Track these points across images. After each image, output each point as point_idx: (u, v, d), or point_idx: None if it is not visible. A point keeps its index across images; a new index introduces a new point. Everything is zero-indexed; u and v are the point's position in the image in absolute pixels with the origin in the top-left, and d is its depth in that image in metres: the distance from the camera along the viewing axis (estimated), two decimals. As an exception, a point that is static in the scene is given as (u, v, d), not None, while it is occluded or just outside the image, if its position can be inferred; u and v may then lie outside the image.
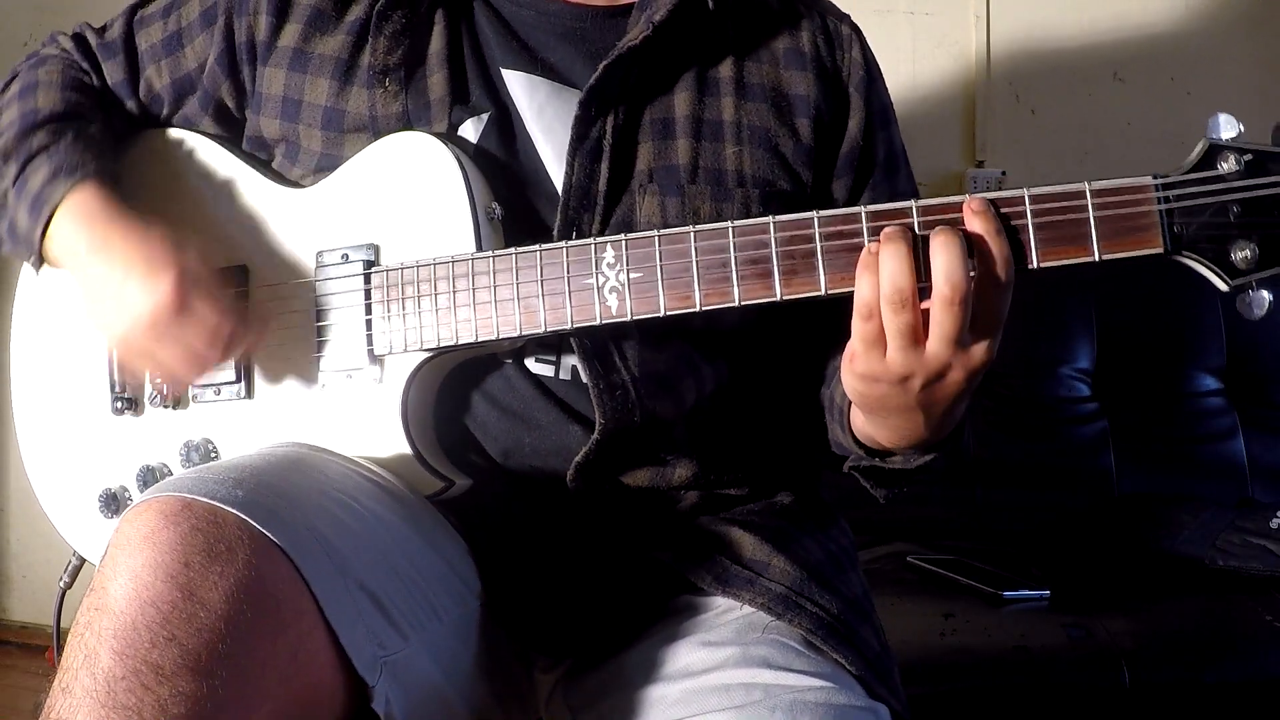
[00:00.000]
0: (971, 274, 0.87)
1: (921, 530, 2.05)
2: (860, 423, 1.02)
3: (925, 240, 0.89)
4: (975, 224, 0.88)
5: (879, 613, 1.16)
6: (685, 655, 1.04)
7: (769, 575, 1.08)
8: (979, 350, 0.89)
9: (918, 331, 0.88)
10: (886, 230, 0.89)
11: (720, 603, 1.09)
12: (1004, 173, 2.35)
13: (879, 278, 0.88)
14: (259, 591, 0.81)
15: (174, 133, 1.22)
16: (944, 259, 0.86)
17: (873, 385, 0.92)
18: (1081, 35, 2.33)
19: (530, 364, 1.08)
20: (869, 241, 0.92)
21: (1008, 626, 1.67)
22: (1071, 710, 1.55)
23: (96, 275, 1.06)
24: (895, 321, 0.88)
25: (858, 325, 0.90)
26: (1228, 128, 0.89)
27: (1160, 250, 0.89)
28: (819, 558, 1.13)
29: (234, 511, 0.82)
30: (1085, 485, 2.10)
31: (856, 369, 0.92)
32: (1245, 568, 1.81)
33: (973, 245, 0.88)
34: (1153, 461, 2.11)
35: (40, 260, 1.12)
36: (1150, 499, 2.02)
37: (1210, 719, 1.55)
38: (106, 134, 1.18)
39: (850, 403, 1.01)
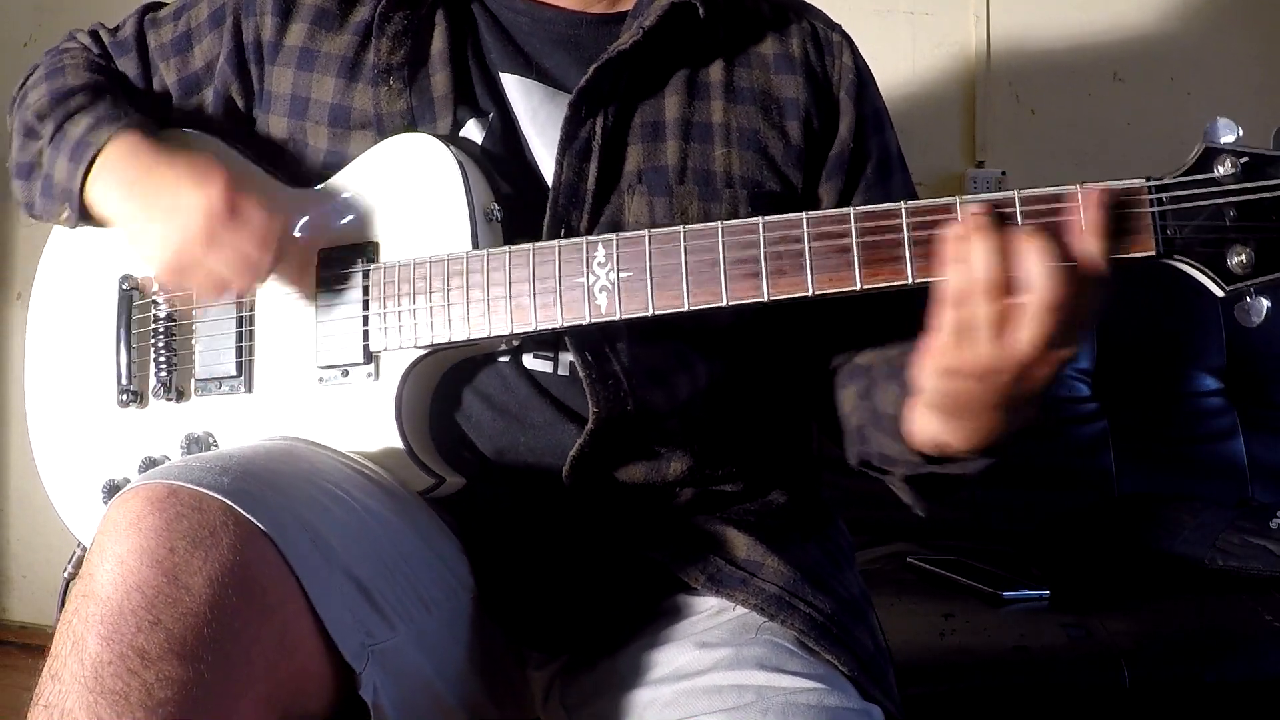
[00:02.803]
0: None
1: (921, 530, 2.04)
2: (925, 427, 0.96)
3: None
4: (1092, 216, 0.85)
5: (879, 613, 1.16)
6: (679, 656, 1.04)
7: (762, 575, 1.07)
8: (1068, 350, 0.85)
9: (1009, 323, 0.84)
10: (976, 219, 0.85)
11: (714, 603, 1.09)
12: (1004, 173, 2.35)
13: (972, 266, 0.84)
14: (244, 577, 0.81)
15: (184, 132, 1.23)
16: (1045, 261, 0.83)
17: (955, 380, 0.88)
18: (1081, 35, 2.33)
19: (528, 360, 1.09)
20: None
21: (1008, 626, 1.66)
22: (1071, 710, 1.54)
23: (145, 199, 1.07)
24: (987, 312, 0.84)
25: (948, 315, 0.86)
26: (1226, 131, 0.87)
27: (1152, 253, 0.87)
28: (814, 558, 1.12)
29: (219, 498, 0.83)
30: (1085, 485, 2.08)
31: (943, 364, 0.88)
32: (1245, 568, 1.80)
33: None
34: (1153, 461, 2.10)
35: (78, 212, 1.13)
36: (1150, 499, 2.01)
37: (1210, 719, 1.54)
38: (135, 101, 1.20)
39: (903, 408, 0.98)
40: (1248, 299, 0.87)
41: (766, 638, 1.03)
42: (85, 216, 1.14)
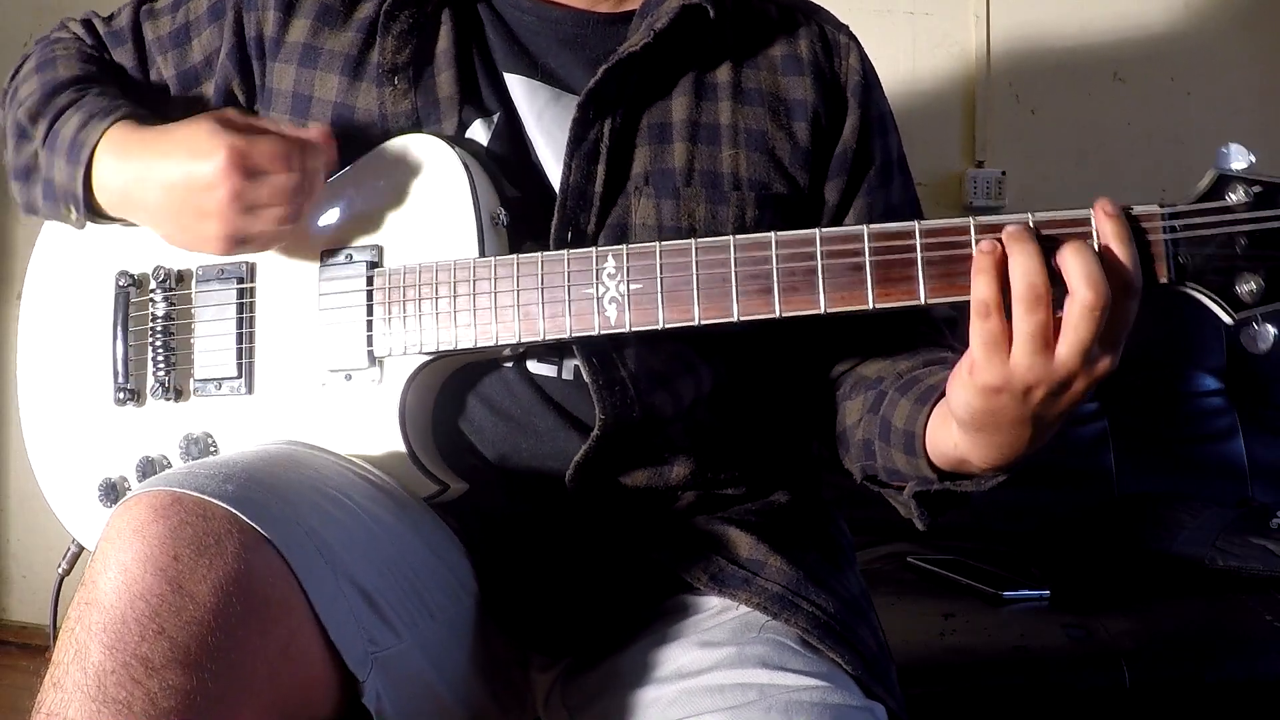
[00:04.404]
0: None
1: (921, 530, 2.05)
2: (950, 443, 0.95)
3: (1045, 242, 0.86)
4: (1107, 227, 0.85)
5: (879, 613, 1.16)
6: (681, 655, 1.03)
7: (765, 575, 1.07)
8: (1104, 362, 0.86)
9: (1049, 335, 0.83)
10: (1010, 229, 0.86)
11: (716, 602, 1.09)
12: (1004, 173, 2.35)
13: (1010, 275, 0.84)
14: (248, 585, 0.80)
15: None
16: (1082, 264, 0.82)
17: (993, 398, 0.86)
18: (1081, 35, 2.33)
19: (532, 365, 1.08)
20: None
21: (1008, 626, 1.67)
22: (1071, 710, 1.54)
23: (158, 183, 1.03)
24: (1029, 322, 0.83)
25: (977, 326, 0.85)
26: (1238, 158, 0.87)
27: (1165, 281, 0.87)
28: (816, 557, 1.12)
29: (223, 505, 0.82)
30: (1085, 485, 2.09)
31: (978, 381, 0.86)
32: (1245, 568, 1.80)
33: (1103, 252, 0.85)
34: (1153, 461, 2.10)
35: (86, 211, 1.10)
36: (1150, 499, 2.01)
37: (1210, 719, 1.55)
38: (128, 93, 1.18)
39: (923, 425, 0.98)
40: (1254, 326, 0.87)
41: (769, 636, 1.03)
42: (95, 214, 1.11)
